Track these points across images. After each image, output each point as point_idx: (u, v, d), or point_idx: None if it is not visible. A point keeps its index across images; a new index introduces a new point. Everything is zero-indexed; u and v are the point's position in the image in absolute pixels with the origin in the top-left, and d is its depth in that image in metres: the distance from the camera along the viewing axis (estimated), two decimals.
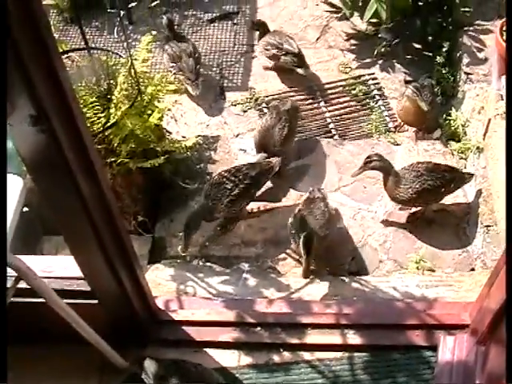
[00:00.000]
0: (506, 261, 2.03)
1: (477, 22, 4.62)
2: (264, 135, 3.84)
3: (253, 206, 3.74)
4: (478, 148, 3.85)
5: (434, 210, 3.64)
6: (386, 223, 3.63)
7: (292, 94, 4.72)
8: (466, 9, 4.74)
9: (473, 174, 3.65)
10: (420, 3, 5.02)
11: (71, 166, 1.77)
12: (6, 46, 1.42)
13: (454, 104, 4.38)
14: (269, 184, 3.84)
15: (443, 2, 4.97)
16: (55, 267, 2.54)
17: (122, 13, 4.74)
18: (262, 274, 3.26)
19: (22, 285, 2.03)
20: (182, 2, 5.48)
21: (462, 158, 3.93)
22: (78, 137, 1.76)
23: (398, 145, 4.12)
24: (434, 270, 3.36)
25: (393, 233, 3.58)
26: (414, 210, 3.66)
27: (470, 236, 3.55)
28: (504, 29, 3.85)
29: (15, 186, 2.51)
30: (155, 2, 5.31)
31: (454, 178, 3.55)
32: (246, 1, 5.44)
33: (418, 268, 3.35)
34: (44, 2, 4.86)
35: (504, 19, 3.92)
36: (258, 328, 2.80)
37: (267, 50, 4.70)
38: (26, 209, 3.09)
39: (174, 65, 4.57)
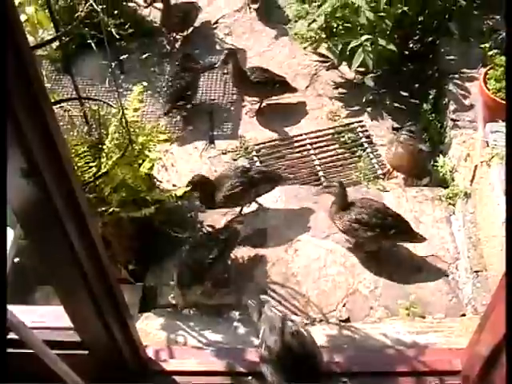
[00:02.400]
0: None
1: (461, 69, 4.72)
2: (218, 178, 3.89)
3: (244, 253, 3.76)
4: (465, 194, 3.89)
5: (423, 256, 3.66)
6: (376, 270, 3.64)
7: (281, 142, 4.77)
8: (451, 57, 4.85)
9: (425, 238, 3.62)
10: (406, 52, 5.15)
11: (61, 217, 1.78)
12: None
13: (441, 150, 4.45)
14: (259, 232, 3.87)
15: (428, 51, 5.10)
16: (46, 318, 2.53)
17: (113, 64, 4.83)
18: (252, 323, 3.24)
19: (12, 336, 2.03)
20: (173, 52, 5.58)
21: (450, 204, 3.97)
22: (68, 189, 1.77)
23: (386, 191, 4.15)
24: (424, 317, 3.36)
25: (383, 279, 3.58)
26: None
27: (460, 281, 3.57)
28: (488, 77, 3.93)
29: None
30: (146, 55, 5.43)
31: (396, 226, 3.58)
32: (235, 51, 5.53)
33: (408, 314, 3.35)
34: (37, 53, 4.94)
35: (487, 68, 4.00)
36: (250, 377, 2.77)
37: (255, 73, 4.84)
38: (16, 259, 3.10)
39: None
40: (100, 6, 2.75)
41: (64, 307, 2.22)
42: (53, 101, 3.33)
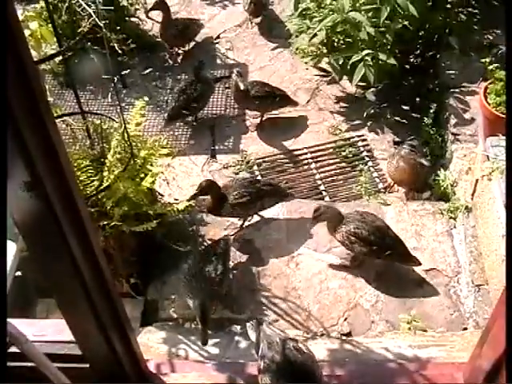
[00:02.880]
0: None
1: (462, 84, 4.74)
2: (223, 188, 3.88)
3: (245, 267, 3.76)
4: (466, 208, 3.90)
5: (425, 270, 3.66)
6: (378, 283, 3.64)
7: (283, 156, 4.79)
8: (452, 71, 4.88)
9: (420, 262, 3.60)
10: (407, 66, 5.17)
11: (64, 230, 1.79)
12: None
13: (442, 164, 4.46)
14: (261, 245, 3.87)
15: (429, 66, 5.13)
16: (47, 331, 2.54)
17: (115, 78, 4.86)
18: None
19: (13, 349, 2.03)
20: (175, 67, 5.61)
21: (451, 218, 3.97)
22: (70, 202, 1.78)
23: (388, 205, 4.16)
24: (426, 330, 3.35)
25: (384, 293, 3.58)
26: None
27: (462, 295, 3.56)
28: (488, 91, 3.95)
29: (8, 251, 2.52)
30: (148, 70, 5.47)
31: (393, 248, 3.58)
32: (237, 65, 5.57)
33: (410, 328, 3.35)
34: (40, 67, 4.97)
35: (488, 82, 4.02)
36: None
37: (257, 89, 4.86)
38: (18, 273, 3.11)
39: None
40: (103, 22, 2.76)
41: (65, 320, 2.22)
42: (55, 115, 3.34)
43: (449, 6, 5.11)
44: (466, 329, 3.40)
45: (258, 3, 5.86)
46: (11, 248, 2.66)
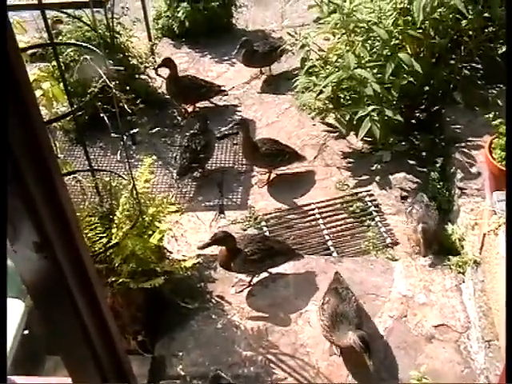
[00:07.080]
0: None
1: (468, 138, 4.78)
2: (239, 240, 3.92)
3: (253, 324, 3.75)
4: (475, 262, 3.88)
5: (434, 326, 3.63)
6: (387, 339, 3.61)
7: (290, 211, 4.80)
8: (457, 126, 4.93)
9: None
10: (413, 121, 5.23)
11: (72, 290, 1.80)
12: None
13: (450, 218, 4.46)
14: (269, 302, 3.86)
15: (434, 120, 5.19)
16: None
17: (124, 136, 4.93)
18: None
19: None
20: (184, 124, 5.70)
21: (460, 273, 3.95)
22: (79, 261, 1.79)
23: (396, 260, 4.15)
24: None
25: (393, 349, 3.55)
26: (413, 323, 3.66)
27: (472, 351, 3.53)
28: (493, 146, 3.97)
29: (16, 309, 2.54)
30: (157, 128, 5.55)
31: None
32: (247, 122, 5.63)
33: None
34: (51, 125, 5.06)
35: (492, 137, 4.04)
36: None
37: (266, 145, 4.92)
38: (26, 331, 3.11)
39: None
40: (113, 82, 2.83)
41: (71, 379, 2.22)
42: (65, 171, 3.40)
43: (452, 61, 5.20)
44: None
45: (249, 51, 6.00)
46: (19, 306, 2.67)
